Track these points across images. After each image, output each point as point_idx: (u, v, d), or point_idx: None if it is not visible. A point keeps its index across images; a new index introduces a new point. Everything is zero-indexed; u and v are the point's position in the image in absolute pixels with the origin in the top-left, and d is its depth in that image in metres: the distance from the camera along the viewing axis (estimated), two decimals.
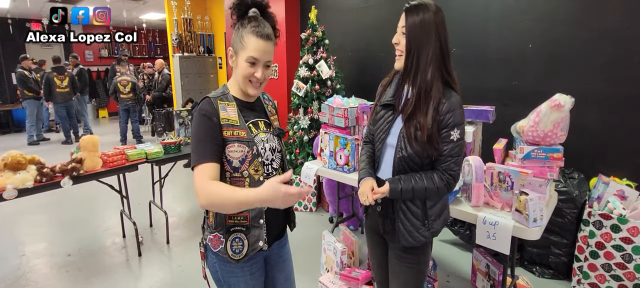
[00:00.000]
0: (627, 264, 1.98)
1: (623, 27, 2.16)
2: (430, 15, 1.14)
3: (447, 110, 1.15)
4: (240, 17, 1.10)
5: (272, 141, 1.19)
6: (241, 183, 1.11)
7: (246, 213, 1.12)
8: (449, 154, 1.17)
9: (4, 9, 7.89)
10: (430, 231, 1.25)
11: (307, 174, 2.44)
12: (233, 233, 1.12)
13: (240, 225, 1.12)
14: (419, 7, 1.15)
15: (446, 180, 1.18)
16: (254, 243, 1.13)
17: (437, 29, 1.14)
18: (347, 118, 2.36)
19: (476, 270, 2.20)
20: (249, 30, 1.07)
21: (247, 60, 1.07)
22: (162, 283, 2.43)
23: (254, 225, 1.13)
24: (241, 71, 1.09)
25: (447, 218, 1.34)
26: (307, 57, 3.46)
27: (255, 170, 1.12)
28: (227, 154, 1.09)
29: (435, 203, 1.26)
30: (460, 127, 1.17)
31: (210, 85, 6.82)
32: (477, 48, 2.82)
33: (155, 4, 7.64)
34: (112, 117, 10.62)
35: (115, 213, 3.39)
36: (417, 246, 1.26)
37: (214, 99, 1.11)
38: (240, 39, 1.08)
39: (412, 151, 1.19)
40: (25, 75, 6.77)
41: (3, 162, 2.19)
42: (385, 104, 1.29)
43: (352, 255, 2.28)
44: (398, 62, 1.22)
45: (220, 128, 1.08)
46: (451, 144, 1.17)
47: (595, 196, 2.14)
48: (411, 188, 1.18)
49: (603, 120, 2.28)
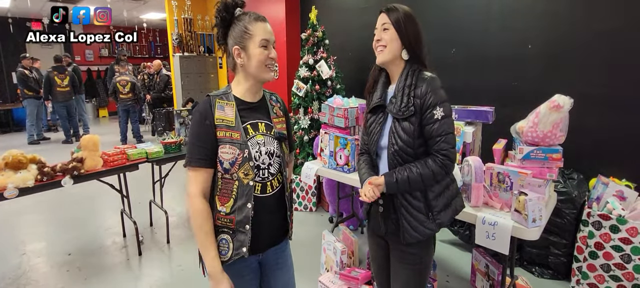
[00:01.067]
0: (626, 265, 1.99)
1: (622, 28, 2.17)
2: (408, 11, 1.25)
3: (426, 91, 1.17)
4: (230, 17, 1.12)
5: (270, 145, 1.16)
6: (230, 185, 1.11)
7: (232, 217, 1.11)
8: (436, 133, 1.17)
9: (4, 8, 7.89)
10: (436, 222, 1.24)
11: (307, 174, 2.44)
12: (220, 234, 1.13)
13: (226, 227, 1.13)
14: (396, 6, 1.26)
15: (440, 162, 1.17)
16: (237, 249, 1.12)
17: (415, 19, 1.25)
18: (347, 118, 2.37)
19: (475, 270, 2.20)
20: (248, 20, 1.11)
21: (260, 44, 1.10)
22: (162, 283, 2.44)
23: (239, 229, 1.12)
24: (257, 58, 1.10)
25: (457, 209, 1.32)
26: (307, 57, 3.46)
27: (245, 174, 1.11)
28: (219, 155, 1.10)
29: (439, 194, 1.25)
30: (442, 104, 1.17)
31: (211, 84, 6.82)
32: (477, 48, 2.83)
33: (155, 3, 7.65)
34: (112, 116, 10.62)
35: (116, 212, 3.40)
36: (423, 241, 1.26)
37: (213, 97, 1.13)
38: (244, 31, 1.10)
39: (402, 142, 1.20)
40: (26, 75, 6.78)
41: (4, 161, 2.19)
42: (374, 107, 1.32)
43: (351, 254, 2.28)
44: (381, 56, 1.27)
45: (214, 129, 1.09)
46: (437, 123, 1.17)
47: (595, 197, 2.14)
48: (406, 178, 1.18)
49: (602, 121, 2.29)
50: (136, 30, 7.97)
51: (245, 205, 1.11)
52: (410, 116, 1.19)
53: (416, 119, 1.19)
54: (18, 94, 8.05)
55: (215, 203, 1.13)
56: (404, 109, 1.19)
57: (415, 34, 1.23)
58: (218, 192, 1.12)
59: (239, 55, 1.12)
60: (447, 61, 2.98)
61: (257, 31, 1.10)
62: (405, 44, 1.23)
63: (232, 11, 1.12)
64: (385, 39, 1.24)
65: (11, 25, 7.85)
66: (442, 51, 3.00)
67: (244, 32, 1.10)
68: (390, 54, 1.24)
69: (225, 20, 1.13)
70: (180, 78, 6.44)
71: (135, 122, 6.81)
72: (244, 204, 1.11)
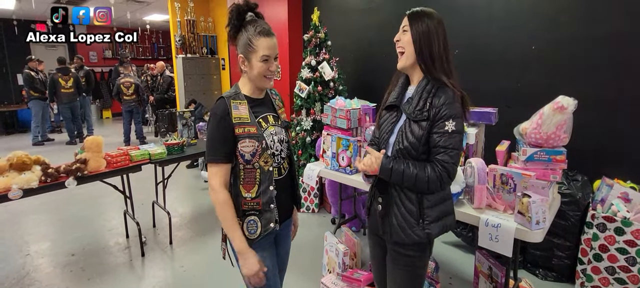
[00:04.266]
0: (631, 267, 1.97)
1: (627, 29, 2.16)
2: (434, 22, 1.21)
3: (443, 102, 1.16)
4: (239, 23, 1.23)
5: (280, 133, 1.34)
6: (253, 173, 1.26)
7: (258, 200, 1.26)
8: (442, 145, 1.16)
9: (9, 10, 7.96)
10: (424, 231, 1.23)
11: (310, 175, 2.44)
12: (248, 216, 1.27)
13: (253, 210, 1.27)
14: (423, 13, 1.23)
15: (438, 173, 1.16)
16: (266, 225, 1.28)
17: (438, 30, 1.21)
18: (350, 119, 2.37)
19: (478, 272, 2.19)
20: (254, 33, 1.21)
21: (261, 59, 1.21)
22: (164, 284, 2.44)
23: (266, 209, 1.28)
24: (257, 71, 1.23)
25: (447, 226, 1.30)
26: (309, 59, 3.46)
27: (265, 161, 1.26)
28: (239, 149, 1.23)
29: (434, 205, 1.24)
30: (455, 119, 1.16)
31: (213, 86, 6.84)
32: (480, 49, 2.82)
33: (158, 5, 7.69)
34: (115, 117, 10.67)
35: (119, 213, 3.41)
36: (409, 244, 1.25)
37: (228, 99, 1.24)
38: (249, 43, 1.21)
39: (408, 143, 1.20)
40: (32, 76, 6.83)
41: (8, 162, 2.21)
42: (389, 105, 1.33)
43: (354, 256, 2.28)
44: (401, 61, 1.26)
45: (232, 126, 1.21)
46: (446, 135, 1.16)
47: (599, 198, 2.13)
48: (402, 171, 1.17)
49: (607, 123, 2.27)
50: (137, 31, 8.02)
51: (268, 188, 1.28)
52: (422, 121, 1.19)
53: (427, 125, 1.18)
54: (23, 96, 8.12)
55: (240, 191, 1.26)
56: (418, 112, 1.19)
57: (430, 52, 1.19)
58: (242, 181, 1.26)
59: (243, 63, 1.25)
60: None
61: (260, 47, 1.21)
62: (419, 60, 1.21)
63: (243, 16, 1.23)
64: (404, 41, 1.24)
65: (16, 27, 7.91)
66: None
67: (248, 44, 1.21)
68: (409, 59, 1.24)
69: (235, 27, 1.24)
70: (183, 79, 6.45)
71: (139, 123, 6.84)
72: (267, 187, 1.27)
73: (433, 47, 1.20)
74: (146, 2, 7.45)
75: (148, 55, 11.44)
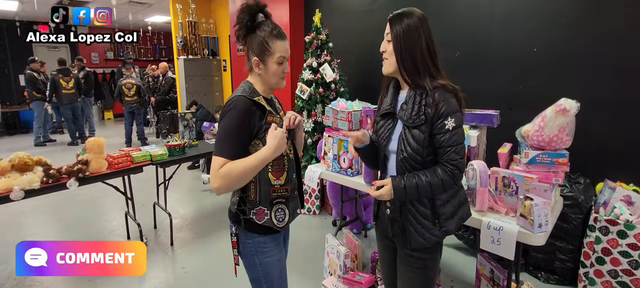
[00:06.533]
0: (634, 271, 1.96)
1: (629, 30, 2.15)
2: (414, 20, 1.19)
3: (439, 100, 1.16)
4: (252, 24, 1.22)
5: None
6: (281, 160, 1.27)
7: (287, 187, 1.28)
8: (447, 144, 1.16)
9: (12, 11, 7.99)
10: (442, 229, 1.24)
11: (311, 177, 2.44)
12: (276, 204, 1.28)
13: (282, 197, 1.28)
14: (402, 14, 1.21)
15: (450, 172, 1.17)
16: (293, 212, 1.32)
17: (421, 30, 1.18)
18: (351, 121, 2.36)
19: (480, 275, 2.18)
20: (270, 35, 1.21)
21: (277, 61, 1.23)
22: (165, 285, 2.44)
23: (292, 196, 1.32)
24: (273, 72, 1.24)
25: (464, 217, 1.32)
26: (311, 60, 3.46)
27: (289, 149, 1.31)
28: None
29: (446, 201, 1.24)
30: (454, 115, 1.16)
31: (215, 87, 6.85)
32: (481, 51, 2.81)
33: (160, 6, 7.71)
34: (117, 118, 10.69)
35: (120, 214, 3.41)
36: (429, 247, 1.25)
37: (250, 96, 1.21)
38: (265, 45, 1.21)
39: (412, 150, 1.20)
40: (35, 77, 6.86)
41: (10, 163, 2.21)
42: (384, 113, 1.32)
43: (355, 258, 2.27)
44: (385, 67, 1.27)
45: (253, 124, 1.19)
46: (448, 134, 1.16)
47: (602, 201, 2.12)
48: (415, 185, 1.17)
49: (609, 125, 2.26)
50: (137, 31, 8.03)
51: (293, 175, 1.32)
52: (420, 125, 1.18)
53: (427, 127, 1.18)
54: (25, 96, 8.14)
55: (269, 178, 1.25)
56: (415, 117, 1.19)
57: (412, 57, 1.18)
58: (271, 168, 1.25)
59: (258, 65, 1.24)
60: (451, 64, 2.97)
61: (276, 49, 1.22)
62: (401, 70, 1.20)
63: (254, 17, 1.22)
64: (389, 50, 1.23)
65: (18, 28, 7.94)
66: (446, 54, 2.98)
67: (264, 46, 1.21)
68: (392, 66, 1.24)
69: (247, 27, 1.22)
70: (184, 81, 6.48)
71: (140, 125, 6.85)
72: (292, 174, 1.32)
73: (415, 49, 1.18)
74: (148, 3, 7.47)
75: (149, 57, 11.47)
